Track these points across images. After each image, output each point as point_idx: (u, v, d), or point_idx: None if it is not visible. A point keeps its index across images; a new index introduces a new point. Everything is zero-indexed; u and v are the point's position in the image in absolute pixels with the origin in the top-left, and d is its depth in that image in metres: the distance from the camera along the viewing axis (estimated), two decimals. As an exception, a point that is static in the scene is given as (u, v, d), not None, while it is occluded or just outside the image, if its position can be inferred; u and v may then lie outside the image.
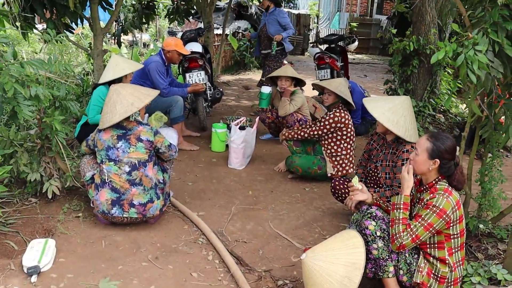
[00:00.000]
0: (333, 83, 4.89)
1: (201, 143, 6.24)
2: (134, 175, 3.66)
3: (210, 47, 9.90)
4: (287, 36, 7.97)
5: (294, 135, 5.13)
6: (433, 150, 2.85)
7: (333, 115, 4.85)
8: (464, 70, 2.78)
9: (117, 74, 4.67)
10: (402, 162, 3.62)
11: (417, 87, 7.05)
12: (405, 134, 3.60)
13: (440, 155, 2.83)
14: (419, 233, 2.74)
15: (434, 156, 2.84)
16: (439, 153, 2.83)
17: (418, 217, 2.77)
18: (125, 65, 4.75)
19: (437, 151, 2.83)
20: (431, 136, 2.90)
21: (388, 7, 25.60)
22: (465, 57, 2.77)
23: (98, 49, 6.56)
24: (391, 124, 3.59)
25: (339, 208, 4.40)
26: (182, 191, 4.68)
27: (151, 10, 8.41)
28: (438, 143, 2.84)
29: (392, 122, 3.59)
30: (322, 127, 4.89)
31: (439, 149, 2.83)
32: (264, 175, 5.25)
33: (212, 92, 6.99)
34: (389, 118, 3.61)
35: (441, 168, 2.85)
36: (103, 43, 14.01)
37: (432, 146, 2.85)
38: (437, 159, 2.83)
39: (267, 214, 4.27)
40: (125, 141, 3.67)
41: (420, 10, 6.71)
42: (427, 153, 2.86)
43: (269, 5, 8.02)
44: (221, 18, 13.17)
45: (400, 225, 2.81)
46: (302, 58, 17.91)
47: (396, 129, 3.59)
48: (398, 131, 3.58)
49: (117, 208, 3.65)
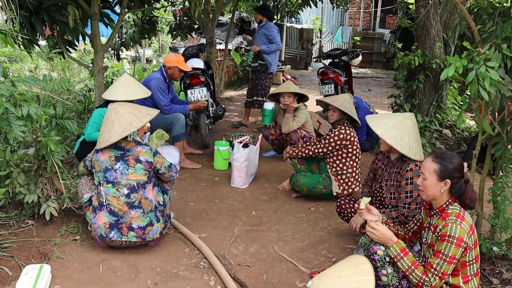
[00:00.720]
0: (338, 99, 4.77)
1: (203, 161, 6.12)
2: (133, 197, 3.53)
3: (212, 62, 9.84)
4: (268, 49, 7.80)
5: (298, 153, 5.00)
6: (441, 170, 2.71)
7: (338, 132, 4.73)
8: (475, 87, 2.65)
9: (130, 96, 4.58)
10: (406, 182, 3.47)
11: (423, 102, 6.91)
12: (410, 151, 3.46)
13: (450, 174, 2.70)
14: (444, 269, 2.59)
15: (444, 177, 2.71)
16: (448, 173, 2.70)
17: (438, 253, 2.60)
18: (137, 88, 4.71)
19: (445, 171, 2.70)
20: (436, 157, 2.77)
21: (390, 21, 25.63)
22: (476, 73, 2.64)
23: (99, 65, 6.49)
24: (394, 141, 3.46)
25: (346, 229, 4.25)
26: (184, 211, 4.54)
27: (151, 25, 8.36)
28: (445, 162, 2.71)
29: (396, 139, 3.46)
30: (327, 144, 4.76)
31: (447, 169, 2.70)
32: (267, 194, 5.11)
33: (214, 108, 6.88)
34: (393, 135, 3.48)
35: (452, 188, 2.72)
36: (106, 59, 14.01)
37: (439, 167, 2.72)
38: (448, 180, 2.70)
39: (271, 235, 4.12)
40: (123, 163, 3.54)
41: (425, 24, 6.60)
42: (436, 175, 2.73)
43: (262, 19, 7.93)
44: (223, 33, 13.11)
45: (416, 271, 2.65)
46: (305, 73, 17.85)
47: (400, 146, 3.45)
48: (402, 148, 3.45)
49: (116, 231, 3.52)
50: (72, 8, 5.67)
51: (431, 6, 6.44)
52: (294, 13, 15.09)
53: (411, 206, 3.45)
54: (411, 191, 3.44)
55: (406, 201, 3.46)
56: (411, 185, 3.44)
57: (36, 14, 5.69)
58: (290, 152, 5.06)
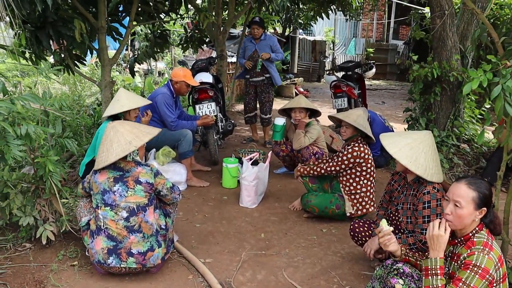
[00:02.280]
0: (351, 115, 4.54)
1: (212, 178, 5.91)
2: (132, 221, 3.32)
3: (223, 75, 9.67)
4: (276, 58, 7.60)
5: (310, 171, 4.78)
6: (479, 198, 2.47)
7: (351, 150, 4.50)
8: (501, 103, 2.41)
9: (115, 110, 4.39)
10: (423, 206, 3.21)
11: (440, 116, 6.66)
12: (426, 173, 3.20)
13: (487, 202, 2.47)
14: None
15: (482, 205, 2.47)
16: (486, 200, 2.47)
17: (458, 281, 2.33)
18: (125, 101, 4.45)
19: (483, 199, 2.47)
20: (471, 183, 2.50)
21: (404, 32, 25.38)
22: (503, 87, 2.41)
23: (106, 80, 6.36)
24: (408, 161, 3.20)
25: (360, 253, 4.00)
26: (189, 233, 4.32)
27: (163, 39, 8.26)
28: (482, 189, 2.47)
29: (410, 159, 3.21)
30: (340, 162, 4.54)
31: (485, 196, 2.47)
32: (277, 215, 4.88)
33: (224, 124, 6.69)
34: (407, 155, 3.23)
35: (485, 217, 2.49)
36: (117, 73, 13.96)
37: (478, 195, 2.47)
38: (485, 207, 2.47)
39: (281, 260, 3.88)
40: (123, 184, 3.33)
41: (441, 35, 6.36)
42: (474, 203, 2.47)
43: (263, 31, 7.69)
44: (235, 46, 12.97)
45: None
46: (318, 85, 17.65)
47: (415, 167, 3.19)
48: (417, 169, 3.19)
49: (114, 257, 3.30)
50: (78, 22, 5.54)
51: (447, 17, 6.22)
52: (307, 25, 14.95)
53: None
54: (429, 216, 3.18)
55: (423, 227, 3.20)
56: (428, 209, 3.19)
57: (41, 29, 5.58)
58: (301, 170, 4.84)
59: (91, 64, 14.44)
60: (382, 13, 24.51)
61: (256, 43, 7.51)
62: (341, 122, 4.59)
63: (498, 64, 2.65)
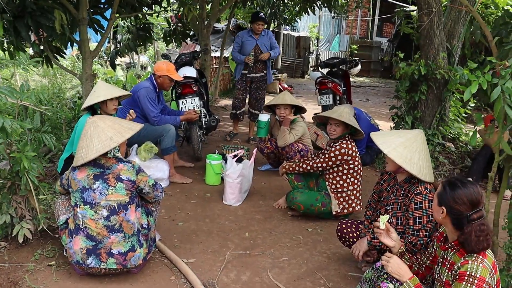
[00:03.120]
0: (343, 113, 4.41)
1: (194, 175, 5.78)
2: (113, 220, 3.19)
3: (207, 70, 9.55)
4: (274, 56, 7.54)
5: (295, 167, 4.68)
6: (441, 195, 2.44)
7: (339, 147, 4.41)
8: (501, 105, 2.34)
9: (91, 101, 4.23)
10: (414, 207, 3.14)
11: (426, 114, 6.61)
12: (420, 172, 3.13)
13: (448, 203, 2.39)
14: None
15: (442, 203, 2.43)
16: (446, 201, 2.40)
17: None
18: (102, 92, 4.29)
19: (445, 198, 2.41)
20: (447, 181, 2.47)
21: (388, 29, 25.49)
22: (502, 89, 2.33)
23: (87, 73, 6.19)
24: (403, 161, 3.12)
25: (346, 254, 3.92)
26: (171, 232, 4.20)
27: (146, 32, 8.10)
28: (448, 188, 2.41)
29: (405, 159, 3.13)
30: (327, 159, 4.44)
31: (446, 196, 2.40)
32: (262, 213, 4.77)
33: (207, 119, 6.56)
34: (401, 154, 3.15)
35: (451, 220, 2.41)
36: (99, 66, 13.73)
37: (441, 191, 2.44)
38: (444, 207, 2.41)
39: (266, 261, 3.78)
40: (103, 182, 3.20)
41: (428, 33, 6.31)
42: (437, 199, 2.47)
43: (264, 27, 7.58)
44: (219, 41, 12.84)
45: None
46: (301, 81, 17.60)
47: (410, 166, 3.12)
48: (411, 169, 3.12)
49: (94, 258, 3.17)
50: (59, 12, 5.36)
51: (435, 15, 6.16)
52: (292, 21, 14.86)
53: (420, 234, 3.13)
54: (420, 217, 3.11)
55: (414, 228, 3.13)
56: (420, 210, 3.12)
57: (19, 18, 5.39)
58: (287, 167, 4.75)
59: (72, 57, 14.19)
60: (366, 10, 24.56)
61: (256, 39, 7.38)
62: (329, 120, 4.48)
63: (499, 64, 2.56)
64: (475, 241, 2.31)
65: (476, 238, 2.31)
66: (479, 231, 2.32)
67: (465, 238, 2.31)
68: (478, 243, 2.31)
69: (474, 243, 2.30)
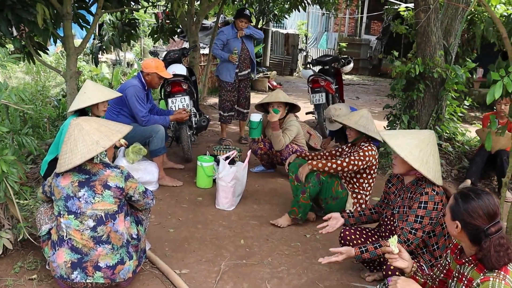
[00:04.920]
0: (353, 116, 4.28)
1: (185, 177, 5.54)
2: (100, 231, 2.94)
3: (195, 68, 9.29)
4: (261, 37, 7.34)
5: (324, 167, 4.22)
6: (454, 209, 2.26)
7: (367, 149, 4.25)
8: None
9: (82, 103, 3.99)
10: (418, 205, 2.96)
11: (422, 113, 6.44)
12: (435, 176, 2.95)
13: (462, 217, 2.20)
14: None
15: (455, 217, 2.24)
16: (460, 215, 2.21)
17: None
18: (93, 93, 4.05)
19: (458, 212, 2.22)
20: (459, 192, 2.29)
21: (376, 27, 25.40)
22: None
23: (72, 70, 5.92)
24: (420, 164, 2.92)
25: (348, 262, 3.69)
26: (162, 240, 3.96)
27: (132, 28, 7.83)
28: (461, 201, 2.22)
29: (422, 163, 2.93)
30: (362, 158, 4.19)
31: (459, 209, 2.22)
32: (257, 218, 4.54)
33: (197, 119, 6.30)
34: (418, 158, 2.95)
35: (468, 235, 2.21)
36: (84, 63, 13.36)
37: (454, 205, 2.26)
38: (458, 222, 2.21)
39: (263, 271, 3.55)
40: (89, 189, 2.94)
41: (425, 30, 6.12)
42: (450, 213, 2.28)
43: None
44: (208, 38, 12.57)
45: None
46: (290, 79, 17.38)
47: (426, 171, 2.93)
48: (428, 173, 2.93)
49: (79, 272, 2.91)
50: (41, 6, 5.06)
51: (432, 12, 5.98)
52: (281, 18, 14.65)
53: (417, 233, 2.95)
54: (422, 217, 2.94)
55: (413, 226, 2.95)
56: (424, 210, 2.94)
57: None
58: (315, 164, 4.24)
59: (57, 53, 13.82)
60: (354, 8, 24.41)
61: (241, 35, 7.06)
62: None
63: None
64: (495, 257, 2.11)
65: (496, 253, 2.12)
66: (499, 246, 2.13)
67: (484, 254, 2.12)
68: (499, 258, 2.12)
69: (494, 259, 2.11)
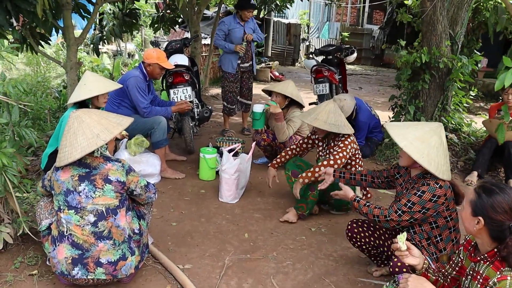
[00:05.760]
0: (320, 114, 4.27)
1: (187, 169, 5.46)
2: (101, 226, 2.86)
3: (197, 58, 9.18)
4: (258, 39, 7.17)
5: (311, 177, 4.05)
6: (476, 204, 2.14)
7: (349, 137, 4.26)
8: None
9: (83, 95, 3.90)
10: (415, 192, 2.89)
11: (428, 104, 6.34)
12: (438, 169, 2.84)
13: (485, 212, 2.10)
14: None
15: (478, 212, 2.12)
16: (484, 210, 2.10)
17: None
18: (94, 84, 3.95)
19: (481, 207, 2.11)
20: (482, 186, 2.17)
21: (378, 16, 25.18)
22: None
23: (72, 61, 5.84)
24: (420, 156, 2.84)
25: (354, 256, 3.64)
26: (165, 234, 3.88)
27: (133, 18, 7.73)
28: (484, 195, 2.11)
29: (422, 154, 2.85)
30: (341, 151, 4.14)
31: (482, 204, 2.11)
32: (261, 211, 4.47)
33: (200, 110, 6.21)
34: (418, 149, 2.87)
35: (490, 231, 2.12)
36: (85, 53, 13.27)
37: (476, 199, 2.14)
38: (481, 217, 2.11)
39: (268, 265, 3.48)
40: (89, 183, 2.86)
41: (431, 19, 6.01)
42: (471, 208, 2.16)
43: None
44: (209, 28, 12.43)
45: None
46: (292, 69, 17.27)
47: (427, 163, 2.84)
48: (429, 165, 2.83)
49: (80, 268, 2.84)
50: (40, -4, 4.97)
51: (438, 0, 5.86)
52: (283, 7, 14.48)
53: (403, 216, 2.89)
54: (414, 203, 2.86)
55: (402, 208, 2.88)
56: (418, 197, 2.86)
57: (-3, 3, 5.00)
58: (308, 177, 4.05)
59: (57, 44, 13.71)
60: (357, -3, 24.24)
61: (243, 25, 6.97)
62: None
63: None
64: None
65: None
66: None
67: (509, 251, 2.02)
68: None
69: None
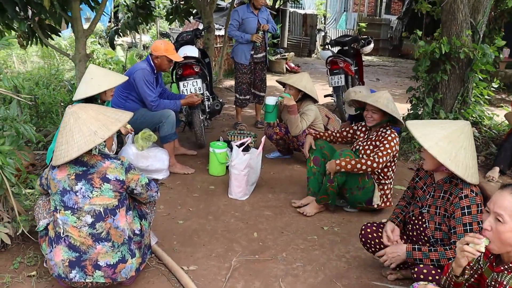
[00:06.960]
0: (380, 98, 3.91)
1: (197, 164, 5.32)
2: (99, 227, 2.72)
3: (210, 49, 9.04)
4: (273, 29, 6.96)
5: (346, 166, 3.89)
6: None
7: (394, 136, 3.97)
8: None
9: (92, 91, 3.76)
10: (462, 212, 2.61)
11: (447, 96, 6.10)
12: (466, 173, 2.61)
13: None
14: None
15: None
16: None
17: None
18: (102, 78, 3.80)
19: None
20: None
21: (396, 6, 24.70)
22: None
23: (81, 53, 5.75)
24: (447, 158, 2.61)
25: (368, 258, 3.45)
26: (171, 232, 3.74)
27: (147, 10, 7.63)
28: None
29: (449, 156, 2.61)
30: (386, 155, 3.90)
31: None
32: (272, 208, 4.30)
33: (211, 102, 6.05)
34: (446, 150, 2.63)
35: None
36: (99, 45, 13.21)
37: None
38: None
39: (277, 267, 3.31)
40: (86, 182, 2.72)
41: (451, 7, 5.76)
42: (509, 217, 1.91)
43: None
44: (223, 19, 12.26)
45: None
46: (309, 60, 17.01)
47: (455, 166, 2.60)
48: (456, 169, 2.60)
49: (78, 271, 2.71)
50: (48, -13, 4.85)
51: (459, -13, 5.61)
52: (299, -3, 14.26)
53: None
54: (471, 224, 2.59)
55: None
56: (469, 216, 2.60)
57: (5, -6, 4.91)
58: (345, 166, 3.89)
59: (71, 37, 13.65)
60: (374, -13, 23.82)
61: (256, 14, 6.76)
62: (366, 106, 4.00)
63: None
64: None
65: None
66: None
67: None
68: None
69: None
